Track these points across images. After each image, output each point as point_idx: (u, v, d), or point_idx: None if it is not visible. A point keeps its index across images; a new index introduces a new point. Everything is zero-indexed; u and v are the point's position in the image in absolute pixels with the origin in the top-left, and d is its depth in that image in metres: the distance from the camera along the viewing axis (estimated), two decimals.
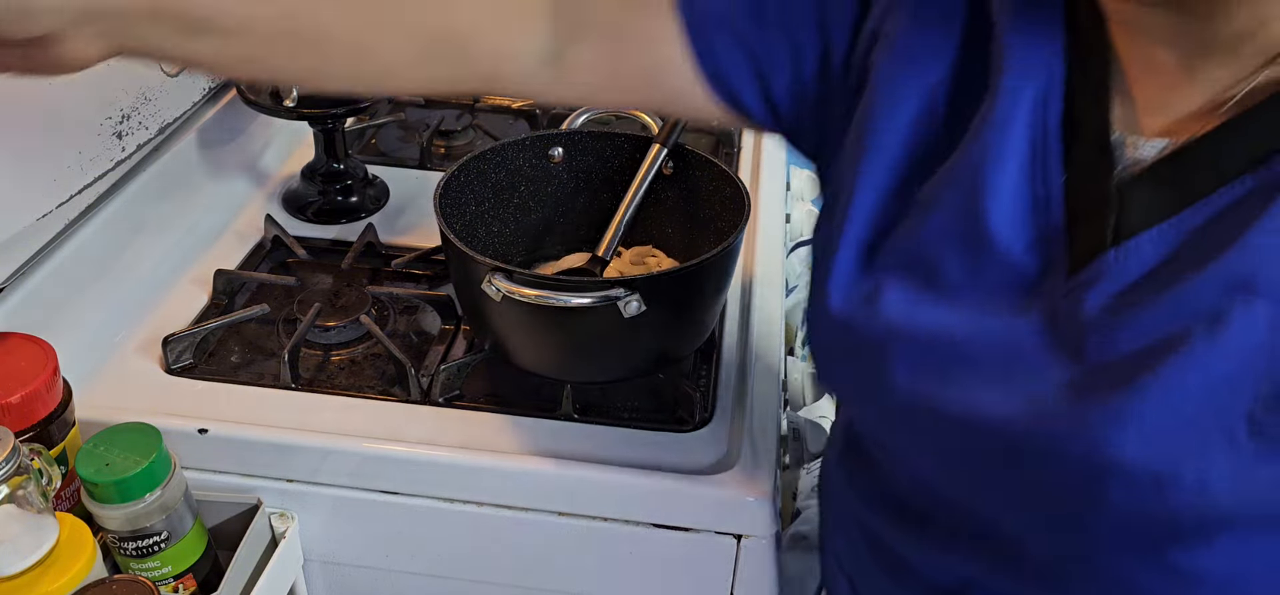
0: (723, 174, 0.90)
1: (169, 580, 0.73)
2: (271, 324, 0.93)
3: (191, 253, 1.01)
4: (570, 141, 0.97)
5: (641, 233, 0.95)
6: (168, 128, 1.00)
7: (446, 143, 1.25)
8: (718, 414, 0.85)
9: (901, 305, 0.55)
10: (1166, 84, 0.51)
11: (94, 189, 0.89)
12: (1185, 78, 0.50)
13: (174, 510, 0.71)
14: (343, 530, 0.84)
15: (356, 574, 0.87)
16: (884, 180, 0.58)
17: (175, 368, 0.87)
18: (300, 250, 1.02)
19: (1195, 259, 0.47)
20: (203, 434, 0.80)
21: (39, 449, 0.70)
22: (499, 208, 0.95)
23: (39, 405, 0.71)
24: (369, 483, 0.81)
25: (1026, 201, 0.53)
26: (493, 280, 0.76)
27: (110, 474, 0.68)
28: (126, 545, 0.71)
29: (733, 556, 0.80)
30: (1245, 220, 0.46)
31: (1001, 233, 0.53)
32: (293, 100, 1.03)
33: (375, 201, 1.12)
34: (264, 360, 0.90)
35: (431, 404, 0.84)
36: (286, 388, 0.86)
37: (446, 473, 0.80)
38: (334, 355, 0.91)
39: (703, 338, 0.88)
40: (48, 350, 0.73)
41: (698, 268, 0.79)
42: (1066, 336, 0.50)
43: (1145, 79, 0.51)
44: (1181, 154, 0.49)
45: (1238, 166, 0.47)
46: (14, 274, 0.83)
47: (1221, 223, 0.47)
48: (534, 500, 0.80)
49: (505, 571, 0.85)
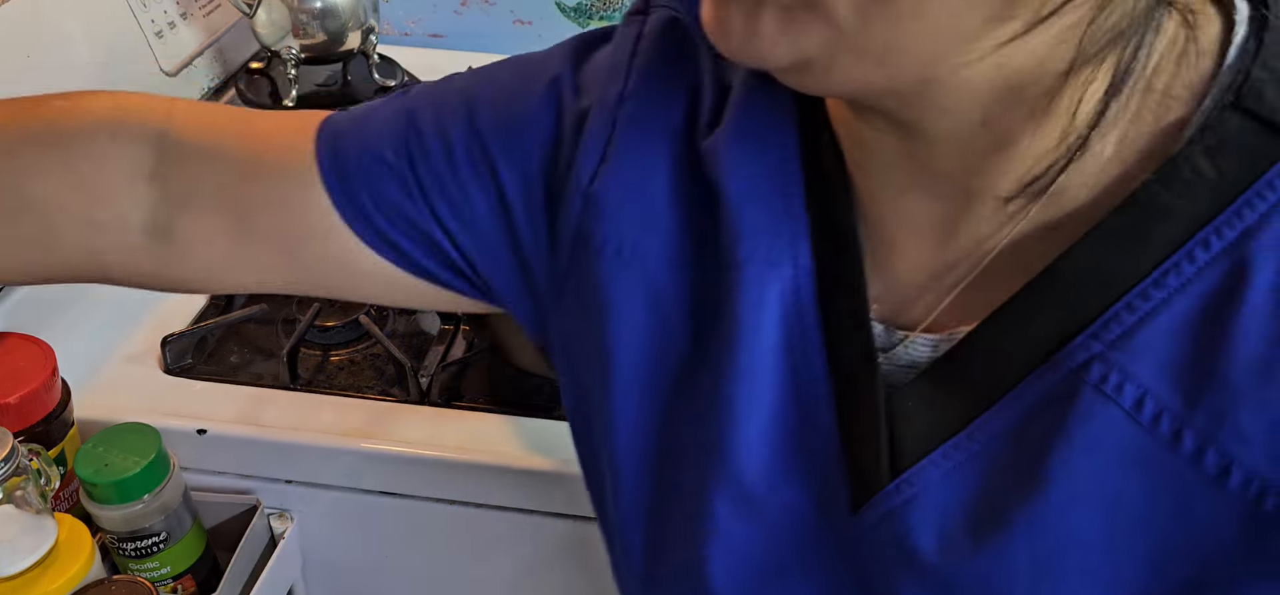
0: None
1: (167, 581, 0.73)
2: (270, 324, 0.93)
3: None
4: None
5: None
6: None
7: None
8: None
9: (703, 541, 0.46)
10: (930, 248, 0.42)
11: None
12: (949, 235, 0.41)
13: (173, 511, 0.71)
14: (342, 531, 0.84)
15: (355, 575, 0.87)
16: (639, 407, 0.47)
17: (174, 368, 0.87)
18: None
19: (997, 505, 0.39)
20: (201, 434, 0.80)
21: (37, 449, 0.70)
22: None
23: (38, 405, 0.71)
24: (368, 483, 0.81)
25: (791, 425, 0.44)
26: None
27: (109, 474, 0.68)
28: (125, 546, 0.71)
29: None
30: (1046, 437, 0.38)
31: (762, 478, 0.44)
32: (292, 100, 1.03)
33: None
34: (263, 360, 0.89)
35: (431, 404, 0.84)
36: (285, 388, 0.86)
37: (446, 473, 0.80)
38: (333, 355, 0.90)
39: None
40: (46, 350, 0.73)
41: None
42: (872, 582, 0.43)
43: (904, 245, 0.43)
44: (959, 351, 0.40)
45: (1029, 356, 0.38)
46: None
47: (1019, 441, 0.39)
48: (533, 501, 0.80)
49: (504, 573, 0.85)
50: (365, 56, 1.05)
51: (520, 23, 1.45)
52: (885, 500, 0.41)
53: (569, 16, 1.43)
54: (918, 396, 0.41)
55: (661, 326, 0.47)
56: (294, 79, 1.01)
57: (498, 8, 1.44)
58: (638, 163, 0.46)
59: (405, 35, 1.47)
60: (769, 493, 0.44)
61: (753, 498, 0.45)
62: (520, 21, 1.45)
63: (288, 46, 0.99)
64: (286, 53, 0.99)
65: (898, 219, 0.43)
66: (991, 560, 0.39)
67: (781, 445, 0.44)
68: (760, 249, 0.43)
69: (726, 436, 0.44)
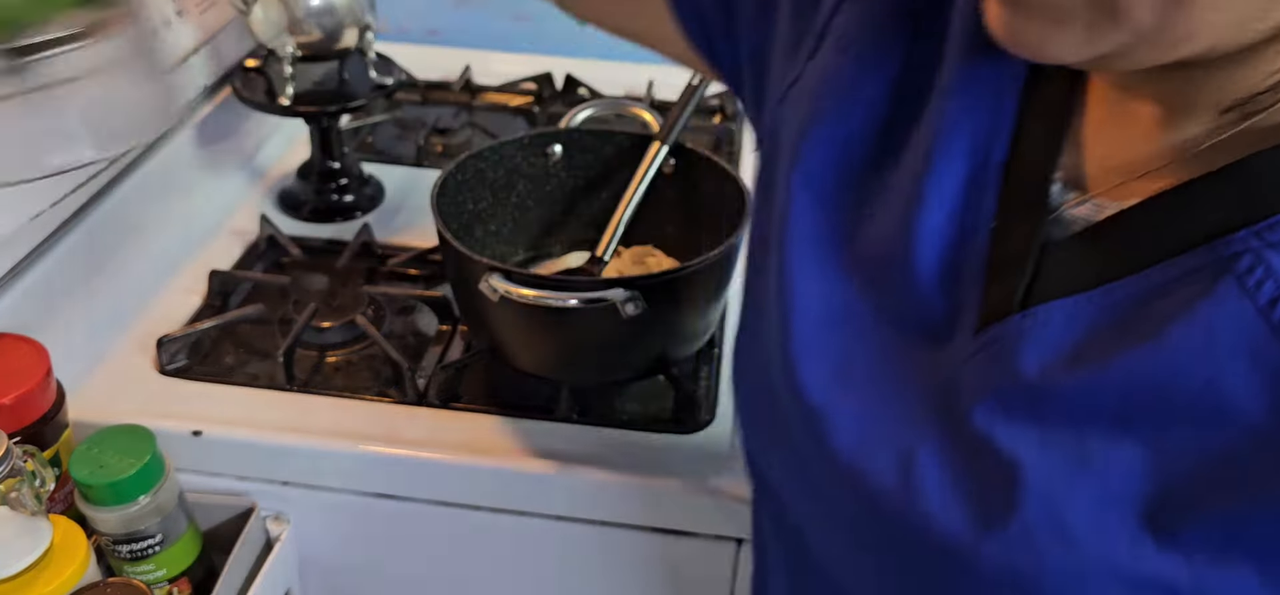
0: (723, 173, 0.90)
1: (163, 584, 0.72)
2: (266, 324, 0.93)
3: (186, 253, 1.01)
4: (569, 140, 0.96)
5: (641, 232, 0.95)
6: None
7: (443, 141, 1.25)
8: (718, 416, 0.84)
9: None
10: (1133, 139, 0.45)
11: (88, 188, 0.88)
12: (1155, 132, 0.44)
13: (168, 513, 0.71)
14: (338, 533, 0.83)
15: (352, 578, 0.87)
16: (828, 178, 0.53)
17: (169, 369, 0.86)
18: (295, 250, 1.02)
19: (1104, 346, 0.41)
20: (197, 436, 0.80)
21: (32, 451, 0.69)
22: (497, 207, 0.95)
23: (32, 407, 0.71)
24: (365, 485, 0.81)
25: (954, 235, 0.48)
26: (490, 280, 0.75)
27: (104, 476, 0.68)
28: (120, 548, 0.70)
29: (733, 561, 0.80)
30: (1174, 309, 0.40)
31: (924, 261, 0.48)
32: (288, 98, 1.02)
33: (371, 200, 1.11)
34: (259, 361, 0.89)
35: (428, 405, 0.84)
36: (281, 389, 0.85)
37: (443, 475, 0.80)
38: (329, 356, 0.90)
39: (703, 339, 0.88)
40: (41, 351, 0.73)
41: (698, 268, 0.79)
42: (953, 404, 0.45)
43: (1109, 129, 0.46)
44: (1122, 218, 0.43)
45: (1182, 240, 0.41)
46: (7, 274, 0.83)
47: (1147, 308, 0.41)
48: (532, 503, 0.80)
49: (502, 575, 0.84)
50: (362, 54, 1.04)
51: (517, 18, 1.44)
52: (1007, 326, 0.44)
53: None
54: (1068, 251, 0.44)
55: (861, 128, 0.52)
56: (290, 77, 1.00)
57: (494, 3, 1.44)
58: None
59: (402, 32, 1.47)
60: (910, 288, 0.48)
61: (887, 285, 0.49)
62: (519, 17, 1.44)
63: (284, 44, 0.98)
64: (282, 50, 0.99)
65: (1111, 109, 0.46)
66: (1082, 395, 0.41)
67: (941, 252, 0.48)
68: (974, 86, 0.48)
69: (907, 227, 0.49)
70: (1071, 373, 0.42)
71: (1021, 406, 0.43)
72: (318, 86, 1.06)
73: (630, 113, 1.10)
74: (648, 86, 1.31)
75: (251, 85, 1.07)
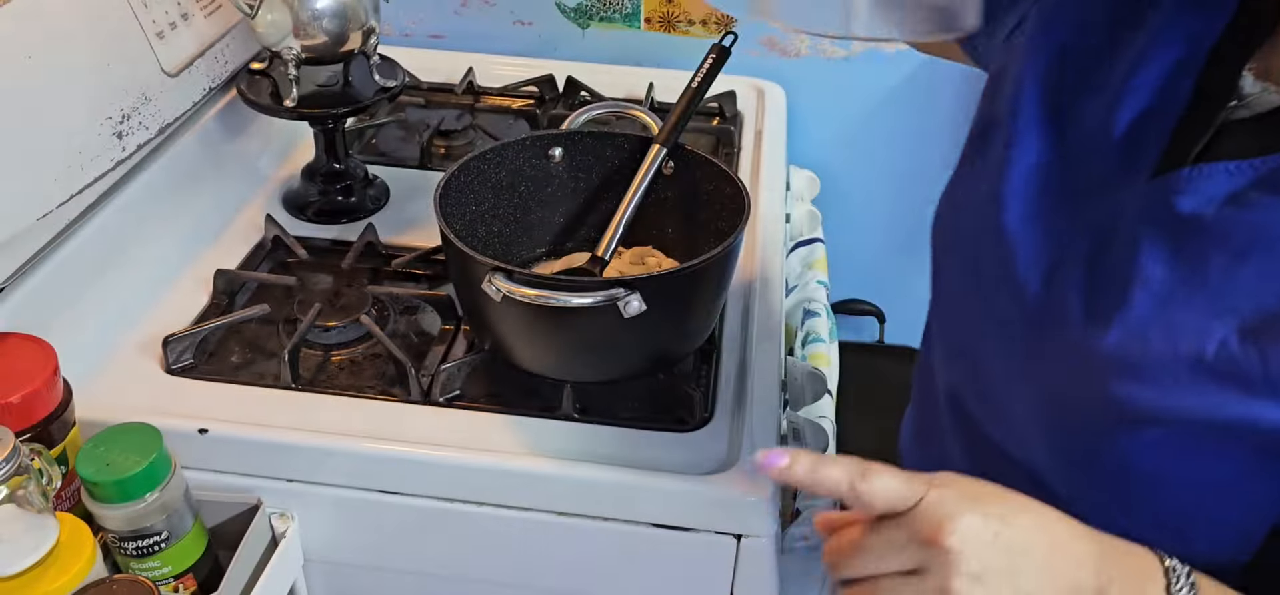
0: (723, 174, 0.90)
1: (169, 580, 0.73)
2: (272, 324, 0.93)
3: (192, 253, 1.01)
4: (570, 142, 0.97)
5: (641, 233, 0.95)
6: (168, 128, 1.00)
7: (446, 143, 1.25)
8: (718, 414, 0.85)
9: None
10: None
11: (94, 189, 0.89)
12: None
13: (174, 510, 0.71)
14: (343, 530, 0.84)
15: (356, 574, 0.87)
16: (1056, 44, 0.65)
17: (175, 368, 0.87)
18: (300, 250, 1.02)
19: (1249, 196, 0.52)
20: (203, 434, 0.80)
21: (39, 449, 0.70)
22: (499, 208, 0.95)
23: (39, 405, 0.71)
24: (369, 483, 0.81)
25: (1152, 104, 0.58)
26: (493, 280, 0.76)
27: (110, 474, 0.68)
28: (126, 545, 0.71)
29: (733, 557, 0.80)
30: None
31: (1120, 124, 0.59)
32: (293, 100, 1.03)
33: (375, 201, 1.12)
34: (264, 360, 0.90)
35: (432, 404, 0.84)
36: (287, 388, 0.86)
37: (447, 473, 0.80)
38: (334, 355, 0.91)
39: (703, 338, 0.88)
40: (48, 350, 0.73)
41: (698, 268, 0.79)
42: (1107, 225, 0.57)
43: None
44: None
45: None
46: (14, 274, 0.83)
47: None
48: (534, 500, 0.80)
49: (505, 571, 0.85)
50: (366, 57, 1.05)
51: (520, 23, 1.45)
52: (1177, 175, 0.55)
53: (569, 17, 1.43)
54: (1243, 128, 0.54)
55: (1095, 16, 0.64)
56: (295, 79, 1.01)
57: (498, 8, 1.44)
58: None
59: (406, 36, 1.47)
60: (1100, 143, 0.60)
61: (1085, 145, 0.61)
62: (520, 22, 1.45)
63: (289, 47, 0.99)
64: (287, 53, 0.99)
65: None
66: (1218, 227, 0.52)
67: (1136, 115, 0.59)
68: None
69: (1117, 98, 0.60)
70: (1217, 211, 0.53)
71: (1166, 230, 0.54)
72: (322, 89, 1.06)
73: (630, 115, 1.11)
74: (648, 89, 1.32)
75: (257, 88, 1.07)
